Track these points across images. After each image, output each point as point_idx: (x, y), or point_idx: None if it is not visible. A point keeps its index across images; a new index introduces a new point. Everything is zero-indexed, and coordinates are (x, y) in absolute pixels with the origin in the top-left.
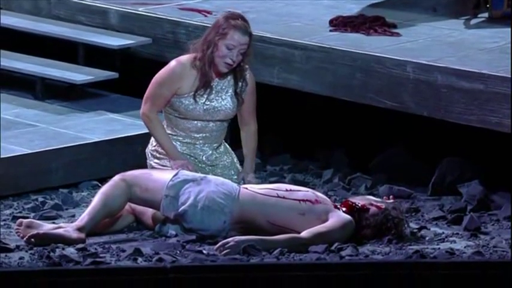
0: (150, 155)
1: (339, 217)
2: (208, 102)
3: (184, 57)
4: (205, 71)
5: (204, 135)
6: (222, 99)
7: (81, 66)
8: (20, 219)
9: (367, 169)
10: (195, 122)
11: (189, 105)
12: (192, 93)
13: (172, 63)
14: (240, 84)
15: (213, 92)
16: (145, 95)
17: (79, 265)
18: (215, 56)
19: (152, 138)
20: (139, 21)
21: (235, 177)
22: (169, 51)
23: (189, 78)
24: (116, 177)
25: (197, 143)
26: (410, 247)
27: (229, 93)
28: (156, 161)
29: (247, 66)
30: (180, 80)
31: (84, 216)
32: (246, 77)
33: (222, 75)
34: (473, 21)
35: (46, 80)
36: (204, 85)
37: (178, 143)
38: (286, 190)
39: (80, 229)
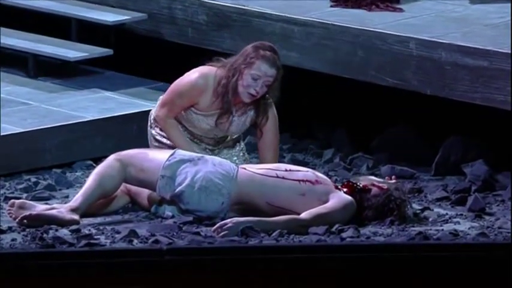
0: (152, 123)
1: (339, 198)
2: (219, 128)
3: (209, 71)
4: (227, 99)
5: (204, 140)
6: (231, 126)
7: (74, 42)
8: (12, 200)
9: (368, 149)
10: (197, 131)
11: (196, 120)
12: (206, 114)
13: (195, 74)
14: (261, 118)
15: (229, 124)
16: (163, 99)
17: (73, 247)
18: (239, 84)
19: (156, 106)
20: None
21: (235, 158)
22: (165, 27)
23: (208, 95)
24: (111, 157)
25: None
26: (413, 228)
27: (240, 122)
28: (158, 130)
29: (271, 101)
30: (200, 94)
31: (78, 197)
32: (268, 112)
33: (243, 105)
34: None
35: (38, 57)
36: (225, 113)
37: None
38: (286, 170)
39: (73, 210)
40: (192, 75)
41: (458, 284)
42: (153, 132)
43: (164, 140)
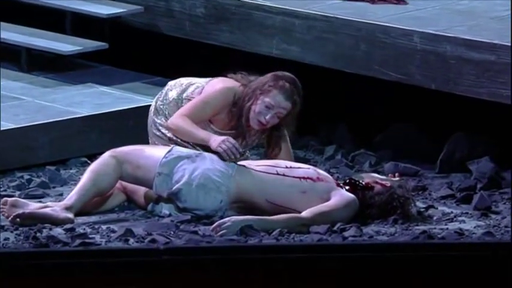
0: (158, 111)
1: (341, 196)
2: None
3: (234, 85)
4: (241, 123)
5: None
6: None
7: (68, 35)
8: (5, 198)
9: (371, 145)
10: None
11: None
12: (221, 132)
13: (220, 84)
14: (271, 149)
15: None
16: (185, 106)
17: (67, 246)
18: (251, 109)
19: (161, 93)
20: None
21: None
22: (161, 20)
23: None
24: (106, 154)
25: None
26: (417, 227)
27: (249, 142)
28: (162, 120)
29: (286, 134)
30: (225, 105)
31: (72, 195)
32: (280, 145)
33: (255, 131)
34: None
35: (32, 51)
36: (238, 136)
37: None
38: (286, 167)
39: (68, 208)
40: (218, 84)
41: (464, 284)
42: (157, 120)
43: (166, 131)
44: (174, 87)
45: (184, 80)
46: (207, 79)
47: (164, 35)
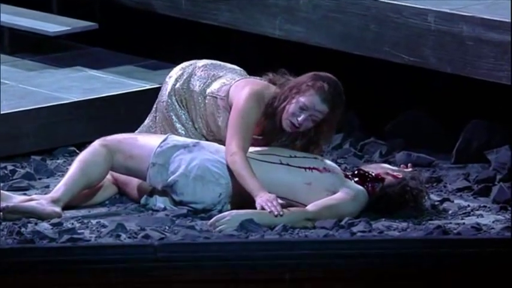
0: (175, 92)
1: (349, 188)
2: None
3: (260, 85)
4: (271, 123)
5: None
6: None
7: (55, 15)
8: None
9: (382, 133)
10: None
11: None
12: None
13: (245, 90)
14: None
15: None
16: (229, 133)
17: (54, 242)
18: (285, 109)
19: (181, 74)
20: None
21: None
22: None
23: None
24: (96, 143)
25: None
26: (431, 222)
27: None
28: (177, 105)
29: (322, 150)
30: (260, 110)
31: (59, 187)
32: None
33: (289, 136)
34: None
35: (15, 31)
36: (270, 141)
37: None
38: (291, 156)
39: (55, 201)
40: (244, 89)
41: (481, 283)
42: (171, 102)
43: (175, 117)
44: (198, 76)
45: (211, 71)
46: (232, 71)
47: (159, 14)
